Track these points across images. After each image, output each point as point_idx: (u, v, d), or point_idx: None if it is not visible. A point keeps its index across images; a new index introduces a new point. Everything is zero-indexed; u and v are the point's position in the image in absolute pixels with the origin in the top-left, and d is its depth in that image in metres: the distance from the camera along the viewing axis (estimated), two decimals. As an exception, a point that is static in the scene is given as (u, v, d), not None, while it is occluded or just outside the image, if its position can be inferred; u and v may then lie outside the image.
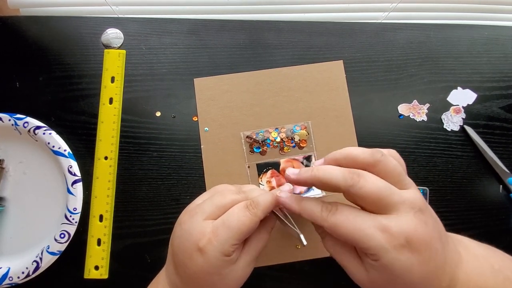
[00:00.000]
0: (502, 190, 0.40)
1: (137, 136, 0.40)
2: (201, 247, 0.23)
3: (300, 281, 0.38)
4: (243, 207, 0.25)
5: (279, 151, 0.40)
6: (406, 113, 0.41)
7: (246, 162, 0.39)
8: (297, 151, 0.40)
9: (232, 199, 0.26)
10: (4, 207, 0.39)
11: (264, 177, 0.39)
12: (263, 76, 0.42)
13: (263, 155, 0.39)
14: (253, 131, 0.40)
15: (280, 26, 0.43)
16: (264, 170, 0.39)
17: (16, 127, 0.39)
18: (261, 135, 0.40)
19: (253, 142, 0.39)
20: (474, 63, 0.43)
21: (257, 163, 0.39)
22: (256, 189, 0.28)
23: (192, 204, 0.28)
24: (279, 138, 0.40)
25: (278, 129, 0.40)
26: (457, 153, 0.41)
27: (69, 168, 0.38)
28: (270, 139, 0.40)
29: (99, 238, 0.38)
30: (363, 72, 0.42)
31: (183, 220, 0.26)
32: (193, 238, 0.24)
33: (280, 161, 0.40)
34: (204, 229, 0.24)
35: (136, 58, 0.42)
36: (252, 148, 0.39)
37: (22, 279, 0.37)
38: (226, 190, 0.27)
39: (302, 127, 0.40)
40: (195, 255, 0.24)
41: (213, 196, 0.26)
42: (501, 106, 0.42)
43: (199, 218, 0.25)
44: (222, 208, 0.25)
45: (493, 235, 0.39)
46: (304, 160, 0.40)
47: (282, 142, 0.40)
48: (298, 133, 0.39)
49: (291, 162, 0.40)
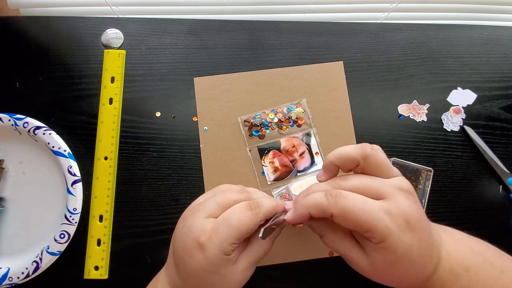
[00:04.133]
0: (502, 190, 0.40)
1: (137, 136, 0.40)
2: (201, 243, 0.24)
3: (300, 281, 0.38)
4: (244, 206, 0.25)
5: (278, 132, 0.40)
6: (406, 113, 0.41)
7: (247, 146, 0.40)
8: (295, 129, 0.40)
9: (235, 199, 0.26)
10: (4, 207, 0.39)
11: (267, 158, 0.39)
12: (263, 76, 0.42)
13: (262, 138, 0.40)
14: (249, 115, 0.40)
15: (280, 26, 0.43)
16: (265, 152, 0.40)
17: (16, 127, 0.39)
18: (258, 117, 0.40)
19: (251, 125, 0.39)
20: (474, 63, 0.43)
21: (257, 146, 0.40)
22: (259, 191, 0.29)
23: (195, 202, 0.28)
24: (276, 118, 0.40)
25: (274, 110, 0.40)
26: (457, 153, 0.41)
27: (69, 168, 0.38)
28: (268, 121, 0.40)
29: (99, 238, 0.38)
30: (363, 72, 0.42)
31: (185, 217, 0.26)
32: (194, 234, 0.24)
33: (280, 141, 0.40)
34: (205, 226, 0.24)
35: (136, 58, 0.42)
36: (251, 132, 0.40)
37: (22, 279, 0.37)
38: (229, 190, 0.27)
39: (297, 105, 0.40)
40: (195, 252, 0.24)
41: (216, 195, 0.27)
42: (501, 107, 0.42)
43: (201, 215, 0.25)
44: (224, 207, 0.25)
45: (493, 235, 0.39)
46: (304, 137, 0.40)
47: (280, 122, 0.40)
48: (294, 111, 0.40)
49: (291, 140, 0.40)
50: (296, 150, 0.40)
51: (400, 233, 0.22)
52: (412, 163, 0.39)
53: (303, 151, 0.40)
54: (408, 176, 0.39)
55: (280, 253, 0.38)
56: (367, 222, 0.22)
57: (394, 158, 0.39)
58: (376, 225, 0.22)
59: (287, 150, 0.40)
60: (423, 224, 0.23)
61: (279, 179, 0.39)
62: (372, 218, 0.22)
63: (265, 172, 0.39)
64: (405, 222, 0.22)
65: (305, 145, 0.40)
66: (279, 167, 0.39)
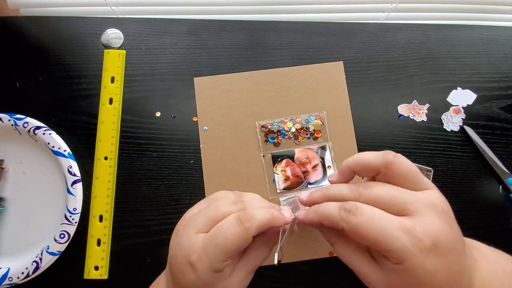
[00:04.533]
0: (502, 190, 0.40)
1: (137, 136, 0.40)
2: (192, 263, 0.22)
3: (300, 281, 0.38)
4: (234, 221, 0.23)
5: (293, 141, 0.40)
6: (406, 113, 0.41)
7: (261, 152, 0.39)
8: (311, 142, 0.40)
9: (226, 210, 0.24)
10: (4, 207, 0.39)
11: (279, 166, 0.39)
12: (263, 76, 0.42)
13: (277, 146, 0.40)
14: (267, 121, 0.40)
15: (280, 26, 0.43)
16: (278, 160, 0.40)
17: (16, 127, 0.39)
18: (276, 125, 0.40)
19: (268, 131, 0.39)
20: (474, 63, 0.43)
21: (271, 153, 0.40)
22: (257, 198, 0.26)
23: (187, 213, 0.27)
24: (294, 128, 0.40)
25: (293, 119, 0.40)
26: (457, 153, 0.41)
27: (69, 168, 0.38)
28: (285, 129, 0.40)
29: (99, 238, 0.38)
30: (363, 72, 0.42)
31: (177, 231, 0.25)
32: (184, 252, 0.23)
33: (295, 151, 0.40)
34: (195, 244, 0.23)
35: (136, 58, 0.42)
36: (267, 138, 0.40)
37: (22, 279, 0.37)
38: (222, 200, 0.25)
39: (317, 117, 0.40)
40: (187, 271, 0.23)
41: (208, 207, 0.25)
42: (501, 107, 0.42)
43: (191, 231, 0.24)
44: (214, 221, 0.24)
45: (493, 235, 0.39)
46: (319, 150, 0.40)
47: (297, 132, 0.40)
48: (312, 123, 0.40)
49: (305, 152, 0.40)
50: (309, 162, 0.40)
51: (422, 256, 0.19)
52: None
53: (316, 164, 0.40)
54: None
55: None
56: (381, 241, 0.20)
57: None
58: (393, 245, 0.20)
59: (300, 161, 0.40)
60: (457, 248, 0.21)
61: (289, 189, 0.39)
62: (387, 238, 0.20)
63: (276, 179, 0.39)
64: (431, 244, 0.20)
65: (319, 158, 0.40)
66: (290, 177, 0.39)
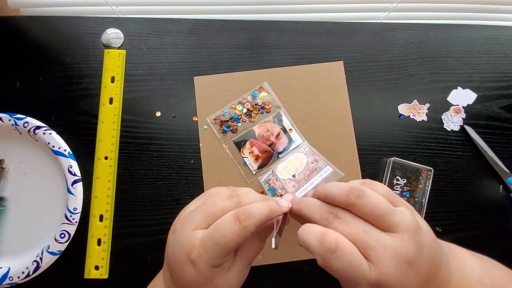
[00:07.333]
0: (502, 190, 0.40)
1: (137, 136, 0.40)
2: (192, 259, 0.23)
3: (300, 281, 0.38)
4: (232, 218, 0.23)
5: (249, 121, 0.40)
6: (406, 113, 0.41)
7: (223, 143, 0.40)
8: (265, 115, 0.41)
9: (222, 207, 0.24)
10: (4, 207, 0.39)
11: (245, 149, 0.40)
12: (263, 75, 0.42)
13: (236, 132, 0.40)
14: (217, 113, 0.41)
15: (280, 26, 0.43)
16: (242, 144, 0.40)
17: (16, 127, 0.39)
18: (227, 114, 0.40)
19: (221, 122, 0.40)
20: (474, 63, 0.43)
21: (233, 140, 0.40)
22: (251, 192, 0.26)
23: (184, 210, 0.27)
24: (245, 109, 0.41)
25: (240, 101, 0.41)
26: (457, 153, 0.41)
27: (69, 168, 0.38)
28: (237, 114, 0.41)
29: (99, 238, 0.38)
30: (363, 72, 0.42)
31: (175, 228, 0.26)
32: (184, 249, 0.24)
33: (254, 129, 0.40)
34: (194, 241, 0.23)
35: (136, 58, 0.42)
36: (223, 128, 0.40)
37: (22, 279, 0.37)
38: (218, 196, 0.26)
39: (260, 89, 0.41)
40: (187, 267, 0.23)
41: (204, 203, 0.25)
42: (501, 106, 0.42)
43: (189, 228, 0.24)
44: (212, 217, 0.24)
45: (493, 235, 0.39)
46: (275, 119, 0.41)
47: (249, 112, 0.41)
48: (259, 97, 0.40)
49: (264, 125, 0.41)
50: (271, 134, 0.40)
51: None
52: (412, 163, 0.39)
53: (278, 132, 0.40)
54: (408, 176, 0.39)
55: (280, 253, 0.38)
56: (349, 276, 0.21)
57: (395, 158, 0.39)
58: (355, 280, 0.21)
59: (262, 136, 0.40)
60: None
61: (263, 166, 0.40)
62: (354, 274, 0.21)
63: (247, 162, 0.40)
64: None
65: (279, 126, 0.40)
66: (259, 155, 0.40)
